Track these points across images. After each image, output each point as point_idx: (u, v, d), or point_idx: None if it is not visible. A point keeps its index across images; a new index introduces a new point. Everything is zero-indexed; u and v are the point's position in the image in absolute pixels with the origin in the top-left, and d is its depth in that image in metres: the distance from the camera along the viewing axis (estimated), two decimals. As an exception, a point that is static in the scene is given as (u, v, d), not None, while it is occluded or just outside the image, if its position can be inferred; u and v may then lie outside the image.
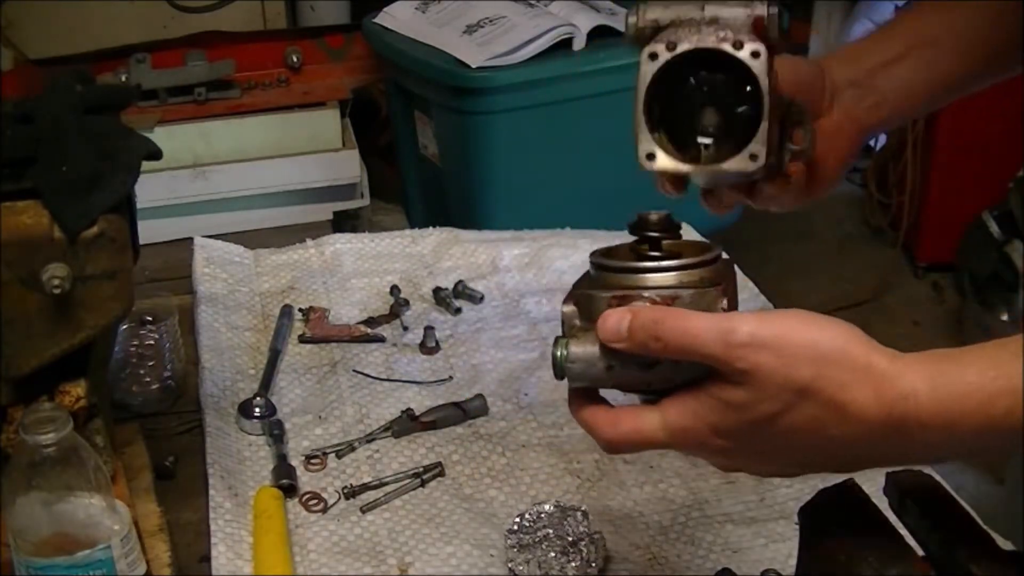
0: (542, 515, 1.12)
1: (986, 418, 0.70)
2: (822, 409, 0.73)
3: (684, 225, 0.90)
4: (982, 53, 1.05)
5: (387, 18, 2.91)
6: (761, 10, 0.86)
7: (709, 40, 0.85)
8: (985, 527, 0.85)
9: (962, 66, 1.06)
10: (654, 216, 0.87)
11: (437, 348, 1.49)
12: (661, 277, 0.82)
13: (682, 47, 0.85)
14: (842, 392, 0.72)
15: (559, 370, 0.81)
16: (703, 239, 0.95)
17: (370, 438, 1.31)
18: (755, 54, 0.84)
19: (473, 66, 2.60)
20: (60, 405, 1.09)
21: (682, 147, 0.88)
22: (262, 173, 3.06)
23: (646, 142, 0.87)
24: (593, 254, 0.88)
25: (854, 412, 0.72)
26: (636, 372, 0.80)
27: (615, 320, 0.78)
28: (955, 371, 0.72)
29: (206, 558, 1.13)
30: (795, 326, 0.75)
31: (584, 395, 0.83)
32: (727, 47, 0.84)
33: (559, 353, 0.81)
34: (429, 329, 1.50)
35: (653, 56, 0.86)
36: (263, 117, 3.09)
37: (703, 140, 0.87)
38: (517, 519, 1.13)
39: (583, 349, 0.81)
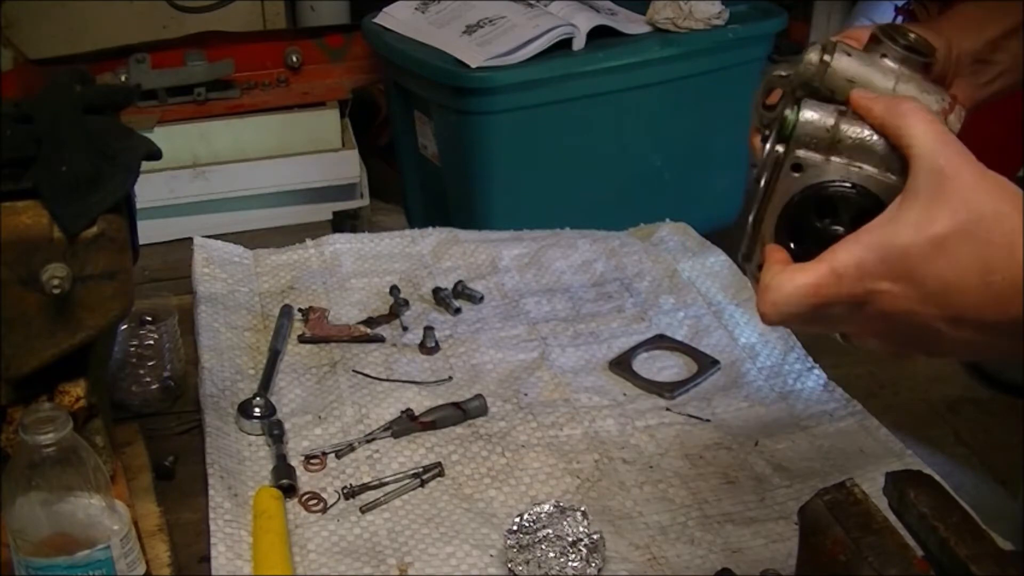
0: (541, 515, 1.12)
1: None
2: (993, 245, 0.76)
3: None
4: None
5: (387, 18, 2.91)
6: (955, 121, 0.87)
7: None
8: (985, 527, 0.85)
9: None
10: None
11: (437, 348, 1.49)
12: None
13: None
14: (1016, 236, 0.76)
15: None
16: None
17: (370, 438, 1.31)
18: None
19: (473, 66, 2.60)
20: (60, 405, 1.09)
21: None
22: (262, 173, 3.06)
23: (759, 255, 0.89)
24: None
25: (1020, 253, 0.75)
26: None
27: (868, 92, 0.86)
28: None
29: (206, 558, 1.13)
30: (994, 173, 0.81)
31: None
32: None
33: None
34: (429, 329, 1.50)
35: (797, 168, 0.86)
36: (263, 117, 3.09)
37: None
38: (516, 519, 1.13)
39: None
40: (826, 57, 0.88)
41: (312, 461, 1.27)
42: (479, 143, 2.72)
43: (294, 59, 3.18)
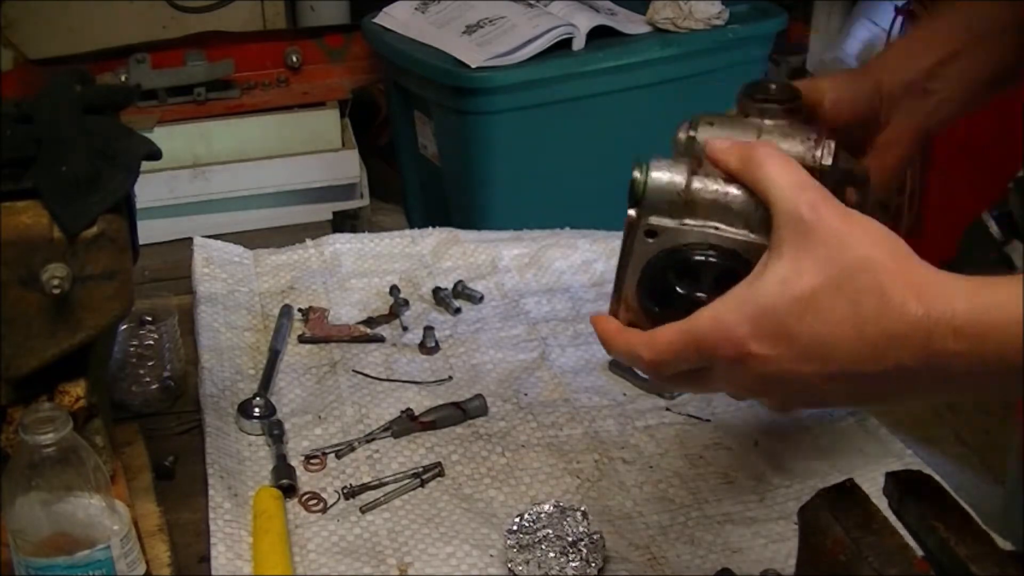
0: (541, 515, 1.12)
1: (1013, 335, 0.70)
2: (864, 295, 0.73)
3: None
4: None
5: (387, 18, 2.92)
6: (825, 155, 0.84)
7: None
8: (985, 527, 0.85)
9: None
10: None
11: (437, 348, 1.49)
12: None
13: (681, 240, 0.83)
14: (886, 284, 0.73)
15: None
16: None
17: (370, 438, 1.31)
18: None
19: (473, 66, 2.61)
20: (60, 405, 1.09)
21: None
22: (262, 173, 3.06)
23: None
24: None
25: (896, 305, 0.73)
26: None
27: (722, 141, 0.83)
28: (990, 287, 0.72)
29: (206, 558, 1.13)
30: (860, 214, 0.78)
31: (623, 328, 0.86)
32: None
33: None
34: (429, 329, 1.50)
35: (651, 233, 0.83)
36: (263, 117, 3.09)
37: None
38: (517, 519, 1.13)
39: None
40: (691, 132, 0.86)
41: (312, 461, 1.27)
42: (479, 143, 2.72)
43: (294, 59, 3.19)
